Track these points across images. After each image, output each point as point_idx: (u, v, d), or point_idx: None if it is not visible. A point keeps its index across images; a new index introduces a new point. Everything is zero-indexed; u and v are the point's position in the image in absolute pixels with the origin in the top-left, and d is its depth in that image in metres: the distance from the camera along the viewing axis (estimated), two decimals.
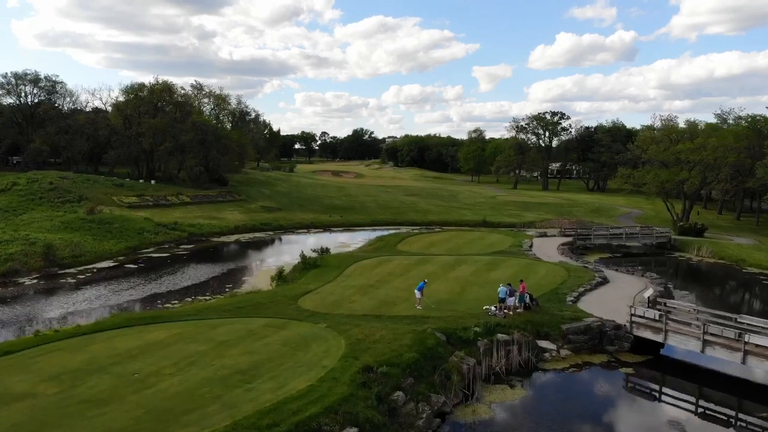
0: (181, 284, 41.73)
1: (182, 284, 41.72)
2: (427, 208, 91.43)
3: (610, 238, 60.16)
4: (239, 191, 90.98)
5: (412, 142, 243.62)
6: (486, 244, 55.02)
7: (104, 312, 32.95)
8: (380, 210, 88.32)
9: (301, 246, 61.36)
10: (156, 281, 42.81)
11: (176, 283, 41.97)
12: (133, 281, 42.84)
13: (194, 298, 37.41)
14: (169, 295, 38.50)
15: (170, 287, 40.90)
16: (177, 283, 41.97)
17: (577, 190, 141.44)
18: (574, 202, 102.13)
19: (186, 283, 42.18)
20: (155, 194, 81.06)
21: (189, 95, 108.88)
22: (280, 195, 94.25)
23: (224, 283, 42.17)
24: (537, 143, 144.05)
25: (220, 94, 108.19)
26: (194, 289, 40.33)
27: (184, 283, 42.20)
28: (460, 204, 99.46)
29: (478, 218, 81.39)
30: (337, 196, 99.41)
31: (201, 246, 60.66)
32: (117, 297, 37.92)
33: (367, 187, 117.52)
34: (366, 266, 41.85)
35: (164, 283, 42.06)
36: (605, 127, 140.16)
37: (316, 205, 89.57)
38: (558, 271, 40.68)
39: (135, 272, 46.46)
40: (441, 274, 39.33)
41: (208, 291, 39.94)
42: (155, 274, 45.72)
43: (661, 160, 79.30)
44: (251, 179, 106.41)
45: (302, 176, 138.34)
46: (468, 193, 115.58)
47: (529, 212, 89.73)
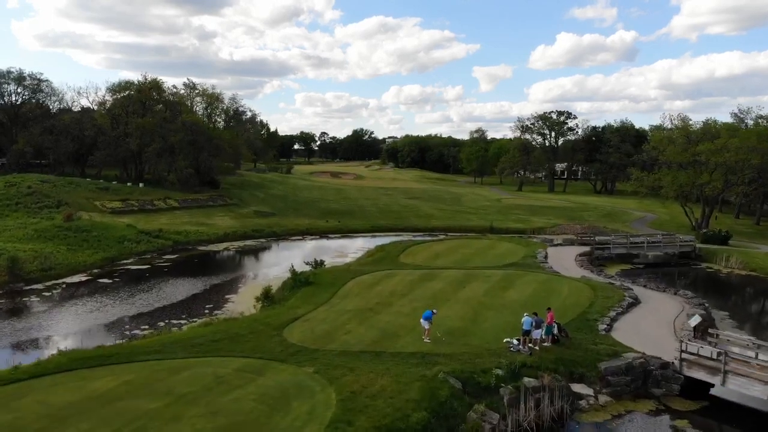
0: (155, 304, 36.88)
1: (156, 304, 36.88)
2: (429, 212, 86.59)
3: (630, 247, 55.32)
4: (232, 194, 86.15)
5: (413, 142, 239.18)
6: (496, 254, 50.18)
7: (55, 344, 28.06)
8: (380, 215, 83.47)
9: (295, 256, 56.70)
10: (127, 300, 37.96)
11: (150, 303, 37.13)
12: (101, 300, 38.00)
13: (167, 323, 32.56)
14: (138, 319, 33.66)
15: (142, 308, 36.07)
16: (150, 303, 37.13)
17: (584, 192, 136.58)
18: (584, 206, 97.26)
19: (161, 302, 37.33)
20: (141, 198, 76.23)
21: (181, 94, 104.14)
22: (275, 198, 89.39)
23: (204, 303, 37.32)
24: (542, 143, 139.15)
25: (213, 92, 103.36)
26: (169, 311, 35.50)
27: (159, 302, 37.35)
28: (464, 208, 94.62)
29: (484, 224, 76.51)
30: (336, 200, 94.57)
31: (186, 256, 55.83)
32: (78, 322, 33.08)
33: (366, 190, 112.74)
34: (364, 283, 37.02)
35: (136, 303, 37.22)
36: (613, 127, 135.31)
37: (313, 209, 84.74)
38: (582, 290, 35.83)
39: (107, 288, 41.62)
40: (450, 293, 34.50)
41: (184, 313, 35.11)
42: (129, 290, 40.87)
43: (679, 161, 74.44)
44: (245, 181, 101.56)
45: (300, 178, 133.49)
46: (472, 196, 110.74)
47: (538, 217, 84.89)
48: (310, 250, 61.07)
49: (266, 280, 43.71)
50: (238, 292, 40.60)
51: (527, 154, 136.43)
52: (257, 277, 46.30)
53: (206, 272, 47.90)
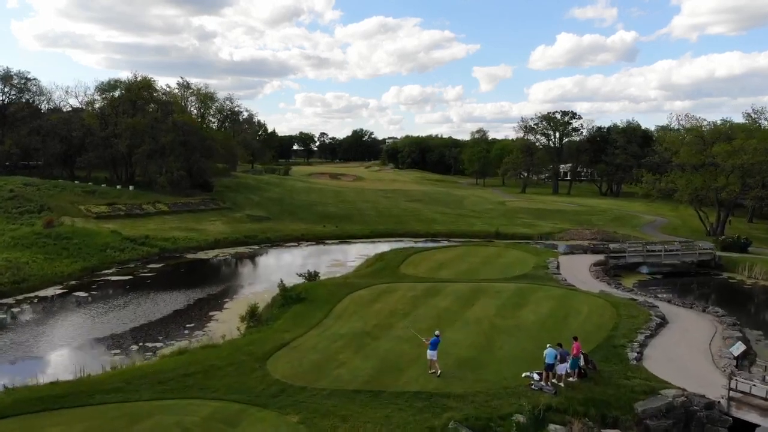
0: (131, 323, 33.38)
1: (132, 323, 33.37)
2: (431, 216, 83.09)
3: (647, 256, 51.83)
4: (225, 198, 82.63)
5: (413, 143, 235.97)
6: (505, 264, 46.67)
7: (3, 377, 24.47)
8: (380, 219, 79.97)
9: (289, 265, 53.30)
10: (101, 318, 34.49)
11: (125, 322, 33.64)
12: (72, 318, 34.55)
13: (140, 346, 29.10)
14: (109, 341, 30.20)
15: (116, 327, 32.60)
16: (126, 322, 33.64)
17: (589, 194, 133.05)
18: (591, 209, 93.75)
19: (137, 321, 33.83)
20: (129, 202, 72.69)
21: (174, 94, 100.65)
22: (271, 202, 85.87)
23: (184, 322, 33.82)
24: (546, 144, 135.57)
25: (206, 92, 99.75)
26: (144, 332, 32.03)
27: (135, 321, 33.85)
28: (466, 211, 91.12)
29: (489, 229, 73.01)
30: (334, 203, 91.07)
31: (172, 264, 52.37)
32: (39, 345, 29.59)
33: (366, 192, 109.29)
34: (362, 300, 33.52)
35: (110, 321, 33.75)
36: (619, 128, 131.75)
37: (310, 213, 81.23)
38: (604, 308, 32.32)
39: (81, 303, 38.16)
40: (457, 312, 31.00)
41: (162, 334, 31.63)
42: (104, 306, 37.41)
43: (693, 163, 70.94)
44: (240, 184, 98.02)
45: (298, 179, 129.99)
46: (474, 199, 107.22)
47: (544, 221, 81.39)
48: (305, 258, 57.60)
49: (255, 294, 40.29)
50: (224, 308, 37.08)
51: (531, 155, 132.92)
52: (246, 290, 42.79)
53: (192, 284, 44.39)
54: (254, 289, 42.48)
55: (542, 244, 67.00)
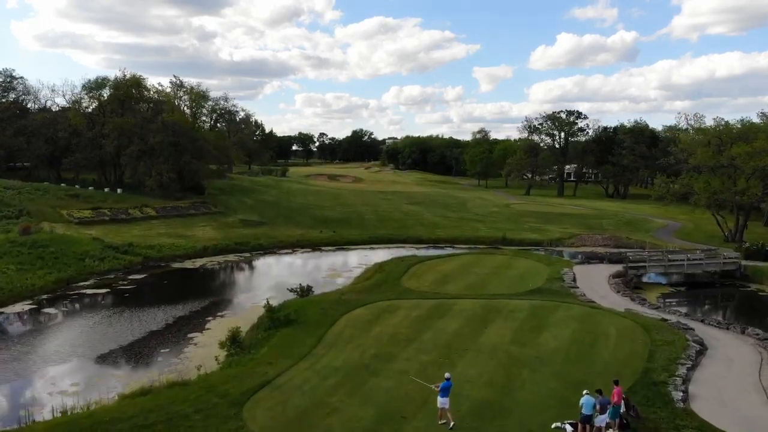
0: (98, 348, 29.51)
1: (99, 348, 29.50)
2: (433, 220, 79.22)
3: (669, 266, 47.98)
4: (217, 201, 78.75)
5: (414, 143, 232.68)
6: (515, 275, 42.83)
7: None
8: (380, 223, 76.08)
9: (280, 275, 49.55)
10: (66, 340, 30.65)
11: (92, 346, 29.80)
12: (33, 340, 30.73)
13: (101, 380, 25.25)
14: (67, 373, 26.33)
15: (80, 352, 28.80)
16: (93, 346, 29.81)
17: (596, 196, 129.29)
18: (600, 213, 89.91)
19: (105, 345, 29.95)
20: (115, 207, 68.85)
21: (167, 93, 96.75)
22: (265, 205, 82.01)
23: (158, 347, 29.94)
24: (551, 145, 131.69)
25: (199, 90, 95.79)
26: (112, 359, 28.20)
27: (103, 345, 29.96)
28: (470, 214, 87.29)
29: (495, 234, 69.12)
30: (332, 206, 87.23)
31: (156, 275, 48.56)
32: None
33: (365, 194, 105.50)
34: (359, 322, 29.69)
35: (75, 345, 29.91)
36: (626, 128, 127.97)
37: (307, 217, 77.36)
38: (633, 332, 28.48)
39: (48, 322, 34.38)
40: (468, 338, 27.14)
41: (131, 361, 27.83)
42: (73, 326, 33.63)
43: (711, 165, 67.08)
44: (234, 186, 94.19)
45: (295, 181, 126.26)
46: (478, 201, 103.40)
47: (553, 225, 77.52)
48: (299, 268, 53.79)
49: (242, 311, 36.51)
50: (205, 328, 33.18)
51: (535, 155, 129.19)
52: (232, 306, 38.90)
53: (174, 298, 40.55)
54: (241, 305, 38.66)
55: (553, 251, 63.32)
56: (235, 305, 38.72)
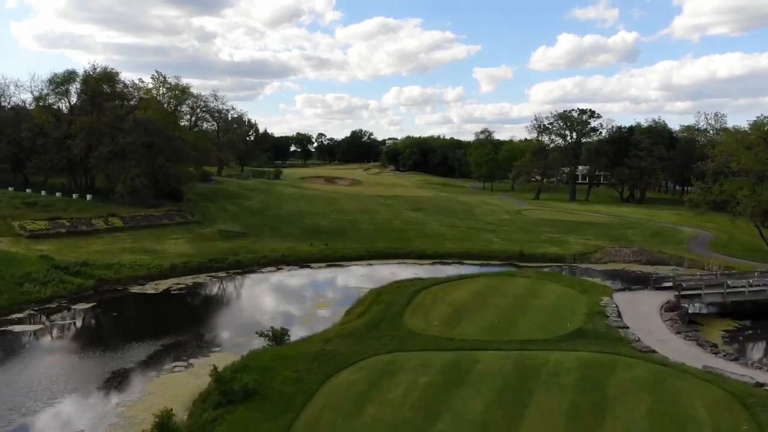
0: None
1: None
2: (439, 230, 70.72)
3: (727, 294, 39.47)
4: (196, 209, 70.25)
5: (414, 143, 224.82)
6: (546, 308, 34.36)
7: None
8: (378, 234, 67.54)
9: (254, 305, 41.01)
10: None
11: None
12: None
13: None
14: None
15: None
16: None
17: (610, 200, 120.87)
18: (622, 221, 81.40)
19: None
20: (77, 216, 60.44)
21: (148, 89, 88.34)
22: (251, 213, 73.52)
23: (66, 427, 21.52)
24: (562, 145, 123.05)
25: (178, 84, 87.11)
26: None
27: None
28: (479, 223, 78.82)
29: (510, 248, 60.62)
30: (325, 213, 78.80)
31: (106, 302, 40.15)
32: None
33: (363, 199, 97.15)
34: (345, 398, 21.21)
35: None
36: (643, 127, 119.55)
37: (296, 227, 68.88)
38: (731, 410, 20.01)
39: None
40: (501, 429, 18.72)
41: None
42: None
43: (758, 171, 58.69)
44: (218, 191, 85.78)
45: (288, 184, 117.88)
46: (486, 207, 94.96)
47: (573, 236, 69.04)
48: (280, 294, 45.29)
49: (196, 364, 28.01)
50: (141, 393, 24.65)
51: (545, 157, 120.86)
52: (186, 353, 30.30)
53: (115, 341, 32.14)
54: (197, 352, 30.12)
55: (577, 267, 54.99)
56: (189, 352, 30.14)
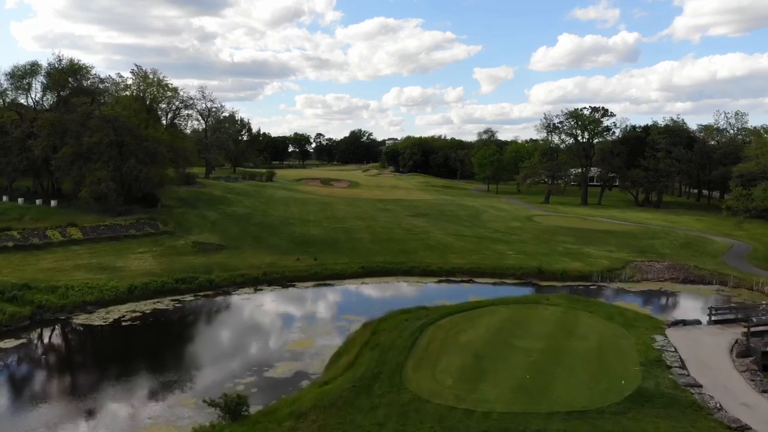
0: None
1: None
2: (444, 240, 63.08)
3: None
4: (172, 216, 62.61)
5: (415, 144, 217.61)
6: (589, 355, 26.68)
7: None
8: (376, 245, 59.89)
9: (216, 346, 33.06)
10: None
11: None
12: None
13: None
14: None
15: None
16: None
17: (624, 204, 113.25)
18: (645, 229, 73.68)
19: None
20: (30, 227, 52.87)
21: (126, 84, 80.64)
22: (234, 221, 65.86)
23: None
24: (573, 145, 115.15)
25: (157, 79, 79.23)
26: None
27: None
28: (488, 230, 71.19)
29: (526, 262, 53.01)
30: (317, 220, 71.20)
31: (41, 335, 32.61)
32: None
33: (360, 204, 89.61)
34: None
35: None
36: (660, 127, 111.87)
37: (283, 236, 61.25)
38: None
39: None
40: None
41: None
42: None
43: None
44: (202, 195, 78.15)
45: (281, 186, 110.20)
46: (493, 212, 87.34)
47: (594, 247, 61.45)
48: (251, 330, 37.39)
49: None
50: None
51: (554, 158, 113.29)
52: (112, 427, 22.73)
53: (30, 399, 24.56)
54: (124, 427, 22.51)
55: (607, 287, 47.41)
56: (113, 426, 22.45)
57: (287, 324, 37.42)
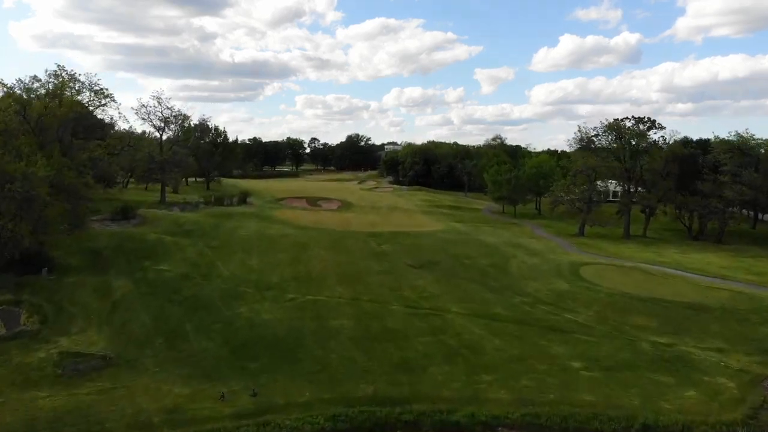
0: None
1: None
2: (467, 331, 41.69)
3: None
4: (51, 296, 41.36)
5: (416, 152, 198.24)
6: None
7: None
8: (360, 349, 38.26)
9: None
10: None
11: None
12: None
13: None
14: None
15: None
16: None
17: (674, 236, 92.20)
18: (752, 300, 51.87)
19: None
20: None
21: (30, 87, 59.58)
22: (151, 296, 44.48)
23: None
24: (613, 164, 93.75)
25: (67, 76, 57.68)
26: None
27: None
28: (525, 297, 49.73)
29: (610, 397, 31.45)
30: (280, 286, 50.07)
31: None
32: None
33: (348, 243, 68.65)
34: None
35: None
36: (723, 142, 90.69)
37: (216, 332, 39.83)
38: None
39: None
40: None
41: None
42: None
43: None
44: (126, 241, 56.89)
45: (254, 213, 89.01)
46: (524, 256, 65.97)
47: (693, 341, 39.99)
48: None
49: None
50: None
51: (591, 180, 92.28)
52: None
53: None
54: None
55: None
56: None
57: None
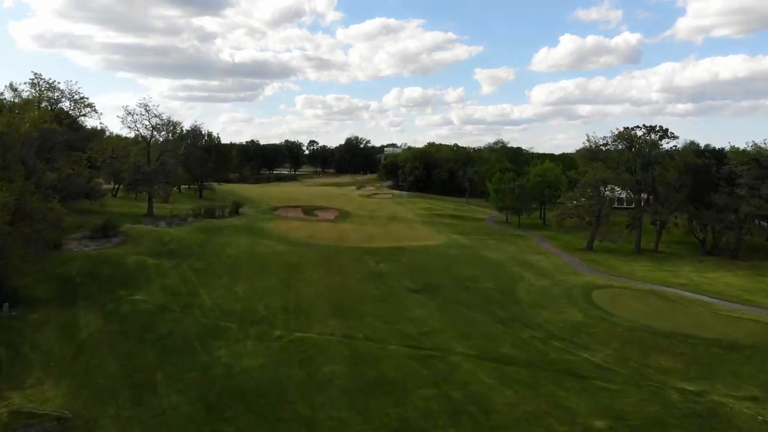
0: None
1: None
2: (476, 381, 37.23)
3: None
4: (8, 337, 37.05)
5: (416, 156, 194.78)
6: None
7: None
8: (350, 407, 33.70)
9: None
10: None
11: None
12: None
13: None
14: None
15: None
16: None
17: (687, 251, 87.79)
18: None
19: None
20: None
21: None
22: (121, 335, 39.90)
23: None
24: (623, 174, 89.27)
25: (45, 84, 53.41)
26: None
27: None
28: (537, 332, 45.33)
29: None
30: (267, 319, 45.75)
31: None
32: None
33: (343, 261, 64.50)
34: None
35: None
36: (740, 152, 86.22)
37: (190, 383, 35.53)
38: None
39: None
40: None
41: None
42: None
43: None
44: (104, 265, 52.53)
45: (245, 226, 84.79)
46: (532, 278, 61.66)
47: (726, 388, 35.37)
48: None
49: None
50: None
51: (600, 192, 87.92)
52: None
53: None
54: None
55: None
56: None
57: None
